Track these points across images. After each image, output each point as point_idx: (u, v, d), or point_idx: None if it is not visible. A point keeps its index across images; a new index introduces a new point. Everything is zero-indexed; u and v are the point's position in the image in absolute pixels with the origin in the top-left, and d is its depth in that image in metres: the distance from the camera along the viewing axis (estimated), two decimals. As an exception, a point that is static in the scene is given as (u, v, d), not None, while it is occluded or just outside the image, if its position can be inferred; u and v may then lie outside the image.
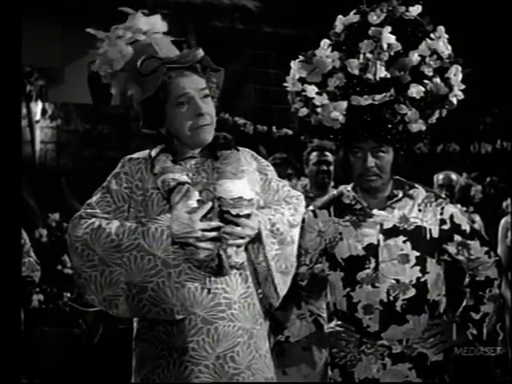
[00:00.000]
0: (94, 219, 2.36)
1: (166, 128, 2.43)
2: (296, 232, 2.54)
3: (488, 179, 8.89)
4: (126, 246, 2.29)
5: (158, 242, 2.27)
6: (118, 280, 2.30)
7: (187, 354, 2.33)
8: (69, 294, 6.45)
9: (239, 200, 2.34)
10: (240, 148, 2.51)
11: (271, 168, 2.60)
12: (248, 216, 2.35)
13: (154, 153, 2.43)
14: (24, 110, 9.21)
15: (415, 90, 2.75)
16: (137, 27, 2.39)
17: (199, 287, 2.34)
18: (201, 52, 2.39)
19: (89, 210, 2.40)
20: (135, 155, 2.48)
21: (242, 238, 2.34)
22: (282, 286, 2.48)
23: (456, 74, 2.82)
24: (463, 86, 2.85)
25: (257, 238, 2.41)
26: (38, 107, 9.43)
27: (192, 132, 2.38)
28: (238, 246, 2.35)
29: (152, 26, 2.41)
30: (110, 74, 2.43)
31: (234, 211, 2.33)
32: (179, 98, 2.36)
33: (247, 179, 2.41)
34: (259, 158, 2.58)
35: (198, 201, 2.33)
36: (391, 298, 2.80)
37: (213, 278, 2.35)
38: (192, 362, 2.33)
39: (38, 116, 9.43)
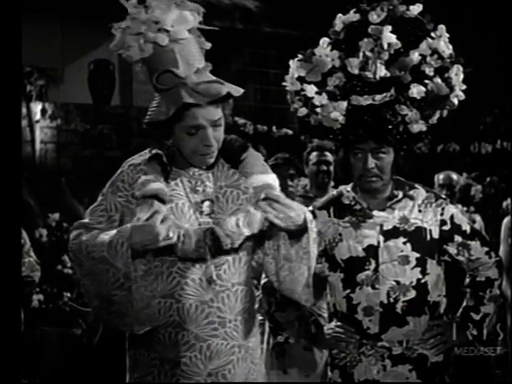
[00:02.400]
0: (81, 230, 2.33)
1: (171, 141, 2.36)
2: None
3: (488, 179, 8.88)
4: (96, 257, 2.25)
5: (119, 254, 2.20)
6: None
7: (179, 368, 2.31)
8: (69, 294, 6.45)
9: (267, 186, 2.28)
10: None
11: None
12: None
13: (148, 155, 2.37)
14: (24, 110, 9.20)
15: (416, 90, 2.74)
16: (163, 25, 2.22)
17: (194, 304, 2.30)
18: (224, 90, 2.25)
19: (83, 221, 2.38)
20: (137, 160, 2.40)
21: (283, 219, 2.22)
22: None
23: (457, 73, 2.81)
24: (464, 87, 2.84)
25: (298, 231, 2.31)
26: (37, 107, 9.42)
27: (195, 156, 2.32)
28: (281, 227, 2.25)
29: (180, 23, 2.25)
30: (129, 59, 2.31)
31: (263, 194, 2.23)
32: (191, 127, 2.27)
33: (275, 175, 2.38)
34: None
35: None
36: (391, 300, 2.79)
37: (214, 277, 2.32)
38: (183, 376, 2.31)
39: (37, 116, 9.42)
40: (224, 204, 2.36)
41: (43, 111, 9.47)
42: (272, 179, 2.34)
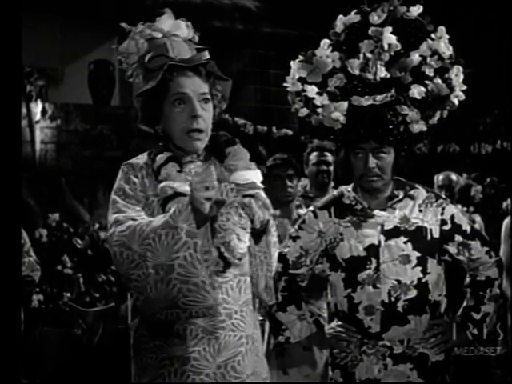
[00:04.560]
0: (130, 221, 2.27)
1: (161, 127, 2.41)
2: None
3: (488, 179, 8.90)
4: (154, 227, 2.20)
5: (177, 212, 2.18)
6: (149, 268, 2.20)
7: (189, 364, 2.31)
8: (69, 294, 6.46)
9: (253, 184, 2.33)
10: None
11: None
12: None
13: (159, 159, 2.38)
14: (24, 111, 9.21)
15: (416, 91, 2.75)
16: (158, 26, 2.39)
17: (200, 311, 2.28)
18: (206, 55, 2.38)
19: (121, 216, 2.30)
20: (134, 161, 2.43)
21: (259, 218, 2.30)
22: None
23: (457, 74, 2.82)
24: (464, 87, 2.85)
25: (263, 233, 2.38)
26: (38, 107, 9.43)
27: (184, 135, 2.35)
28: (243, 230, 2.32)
29: (174, 28, 2.40)
30: (128, 67, 2.42)
31: (249, 192, 2.31)
32: (176, 95, 2.34)
33: (259, 171, 2.40)
34: None
35: None
36: (392, 299, 2.80)
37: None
38: (194, 371, 2.31)
39: (38, 116, 9.43)
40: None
41: (43, 111, 9.48)
42: (256, 176, 2.36)
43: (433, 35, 2.80)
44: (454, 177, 5.76)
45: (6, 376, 2.14)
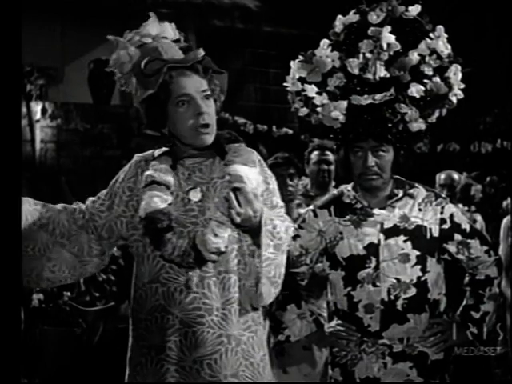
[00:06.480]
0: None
1: (168, 129, 2.42)
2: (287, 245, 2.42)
3: (488, 178, 8.89)
4: None
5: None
6: None
7: (164, 353, 2.30)
8: (69, 294, 6.45)
9: (239, 177, 2.30)
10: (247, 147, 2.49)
11: (274, 180, 2.49)
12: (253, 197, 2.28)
13: (156, 153, 2.44)
14: (24, 110, 9.20)
15: (415, 90, 2.76)
16: (146, 32, 2.40)
17: (178, 288, 2.30)
18: (201, 52, 2.38)
19: (83, 206, 2.52)
20: (141, 155, 2.49)
21: (239, 215, 2.24)
22: (267, 292, 2.32)
23: (456, 73, 2.83)
24: (463, 86, 2.86)
25: (255, 232, 2.31)
26: (38, 106, 9.42)
27: (192, 132, 2.36)
28: (221, 223, 2.30)
29: (161, 31, 2.41)
30: (121, 76, 2.42)
31: (233, 185, 2.28)
32: (180, 97, 2.35)
33: (257, 171, 2.38)
34: (264, 164, 2.49)
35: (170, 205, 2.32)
36: (392, 297, 2.80)
37: (194, 278, 2.31)
38: (169, 361, 2.30)
39: (38, 115, 9.42)
40: (212, 193, 2.37)
41: (43, 110, 9.47)
42: (246, 172, 2.34)
43: (431, 34, 2.81)
44: (455, 176, 5.77)
45: (5, 376, 2.14)
